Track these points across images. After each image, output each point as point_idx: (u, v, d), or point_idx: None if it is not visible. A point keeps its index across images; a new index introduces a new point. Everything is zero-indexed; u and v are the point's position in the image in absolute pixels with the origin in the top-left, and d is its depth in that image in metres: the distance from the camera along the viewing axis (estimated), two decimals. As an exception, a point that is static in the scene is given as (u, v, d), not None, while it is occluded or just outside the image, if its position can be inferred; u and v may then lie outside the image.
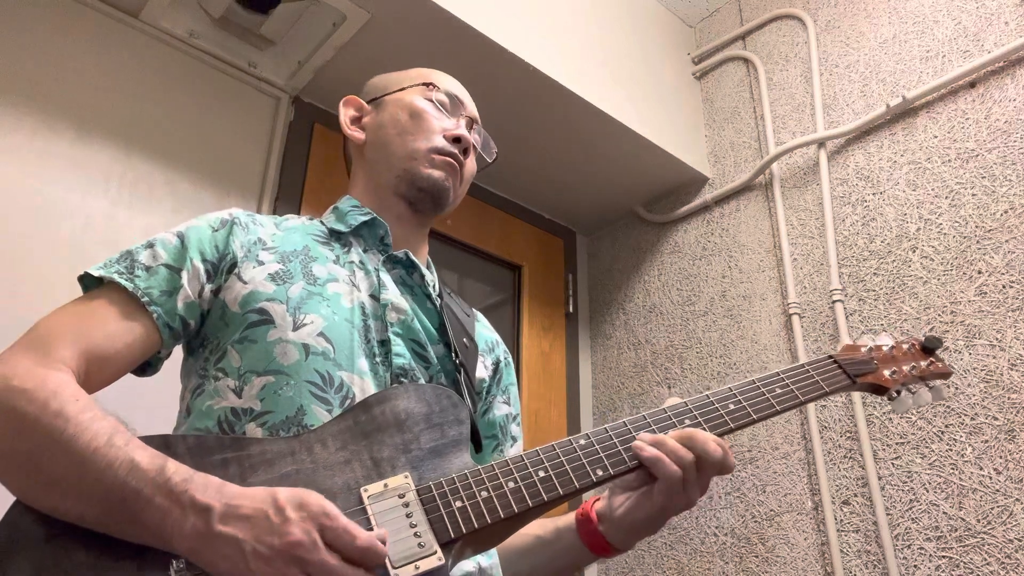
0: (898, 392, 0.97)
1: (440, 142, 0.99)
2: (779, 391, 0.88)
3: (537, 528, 0.94)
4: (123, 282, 0.80)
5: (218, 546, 0.61)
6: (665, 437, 0.79)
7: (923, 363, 1.00)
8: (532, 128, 2.10)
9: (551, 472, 0.75)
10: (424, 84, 1.04)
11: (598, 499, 0.89)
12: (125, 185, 1.62)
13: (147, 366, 0.85)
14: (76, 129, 1.59)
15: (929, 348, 1.03)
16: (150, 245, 0.85)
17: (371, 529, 0.66)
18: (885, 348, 0.99)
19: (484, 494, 0.72)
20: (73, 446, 0.65)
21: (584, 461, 0.77)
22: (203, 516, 0.62)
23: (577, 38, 2.08)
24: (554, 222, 2.55)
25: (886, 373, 0.97)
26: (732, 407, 0.85)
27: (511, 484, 0.73)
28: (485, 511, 0.71)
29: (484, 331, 1.08)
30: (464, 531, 0.69)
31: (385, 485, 0.71)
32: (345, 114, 1.06)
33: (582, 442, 0.79)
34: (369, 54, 1.83)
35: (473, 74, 1.11)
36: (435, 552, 0.67)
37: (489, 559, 0.89)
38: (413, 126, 1.00)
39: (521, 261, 2.39)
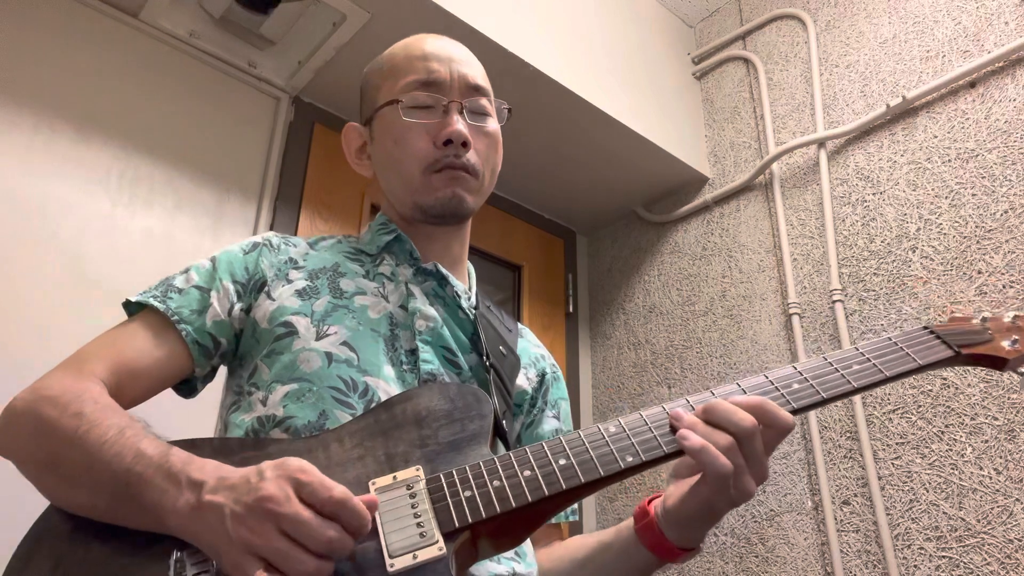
0: None
1: (431, 155, 0.91)
2: (857, 367, 0.76)
3: (600, 533, 0.88)
4: (156, 304, 0.84)
5: (205, 515, 0.62)
6: (698, 420, 0.71)
7: None
8: (532, 128, 2.10)
9: (573, 459, 0.70)
10: (392, 103, 0.93)
11: (660, 493, 0.82)
12: (125, 184, 1.63)
13: (189, 388, 0.88)
14: (76, 129, 1.60)
15: None
16: (186, 271, 0.88)
17: (374, 522, 0.65)
18: (1006, 319, 0.86)
19: (496, 483, 0.68)
20: (86, 440, 0.69)
21: (612, 447, 0.70)
22: (195, 490, 0.64)
23: (577, 38, 2.08)
24: (554, 222, 2.55)
25: (1005, 344, 0.83)
26: (796, 386, 0.75)
27: (527, 473, 0.69)
28: (495, 500, 0.67)
29: (530, 347, 1.04)
30: (470, 520, 0.66)
31: (394, 477, 0.69)
32: (348, 148, 1.02)
33: (611, 429, 0.72)
34: (369, 54, 1.82)
35: (473, 74, 1.08)
36: (436, 542, 0.64)
37: (527, 567, 0.85)
38: (400, 152, 0.92)
39: (521, 261, 2.39)
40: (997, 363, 0.83)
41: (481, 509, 0.66)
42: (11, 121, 1.52)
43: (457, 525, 0.65)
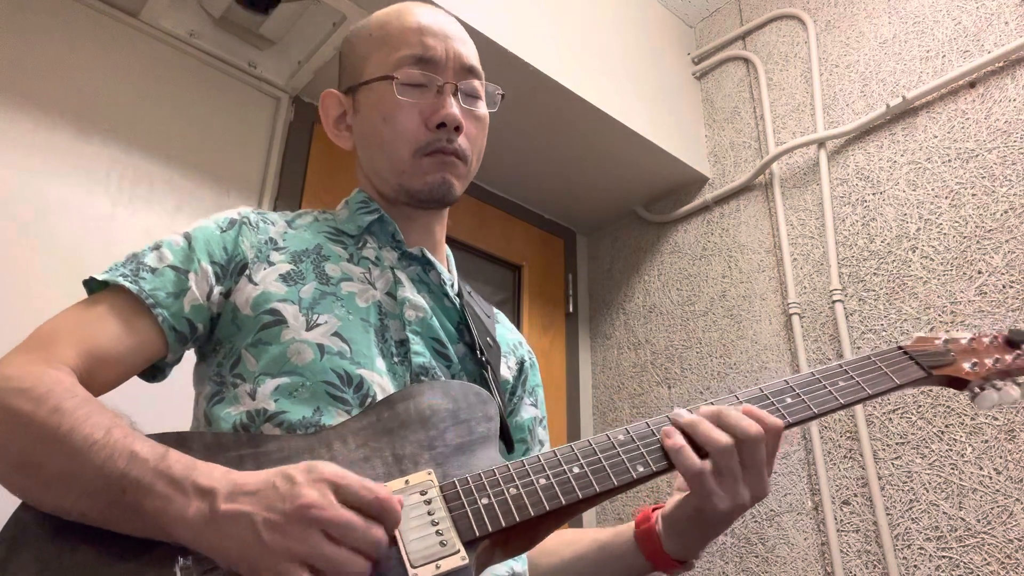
0: (980, 388, 0.88)
1: (423, 138, 0.87)
2: (842, 384, 0.80)
3: (596, 530, 0.89)
4: (128, 284, 0.77)
5: (225, 526, 0.58)
6: (699, 419, 0.72)
7: (1008, 357, 0.90)
8: (532, 128, 2.10)
9: (587, 468, 0.70)
10: (385, 78, 0.89)
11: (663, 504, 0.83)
12: (125, 184, 1.63)
13: (156, 372, 0.82)
14: (76, 128, 1.60)
15: (1015, 341, 0.93)
16: (156, 247, 0.82)
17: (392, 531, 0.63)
18: (963, 340, 0.91)
19: (513, 491, 0.67)
20: (70, 441, 0.63)
21: (623, 457, 0.71)
22: (207, 499, 0.59)
23: (577, 38, 2.08)
24: (554, 222, 2.55)
25: (966, 366, 0.87)
26: (789, 400, 0.77)
27: (543, 481, 0.68)
28: (513, 508, 0.66)
29: (506, 332, 1.02)
30: (490, 529, 0.65)
31: (406, 482, 0.67)
32: (326, 117, 0.97)
33: (621, 437, 0.73)
34: (369, 54, 1.83)
35: (473, 74, 1.07)
36: (458, 551, 0.63)
37: (523, 564, 0.85)
38: (389, 133, 0.88)
39: (521, 261, 2.39)
40: (959, 384, 0.88)
41: (500, 517, 0.66)
42: (11, 121, 1.52)
43: (478, 534, 0.64)
